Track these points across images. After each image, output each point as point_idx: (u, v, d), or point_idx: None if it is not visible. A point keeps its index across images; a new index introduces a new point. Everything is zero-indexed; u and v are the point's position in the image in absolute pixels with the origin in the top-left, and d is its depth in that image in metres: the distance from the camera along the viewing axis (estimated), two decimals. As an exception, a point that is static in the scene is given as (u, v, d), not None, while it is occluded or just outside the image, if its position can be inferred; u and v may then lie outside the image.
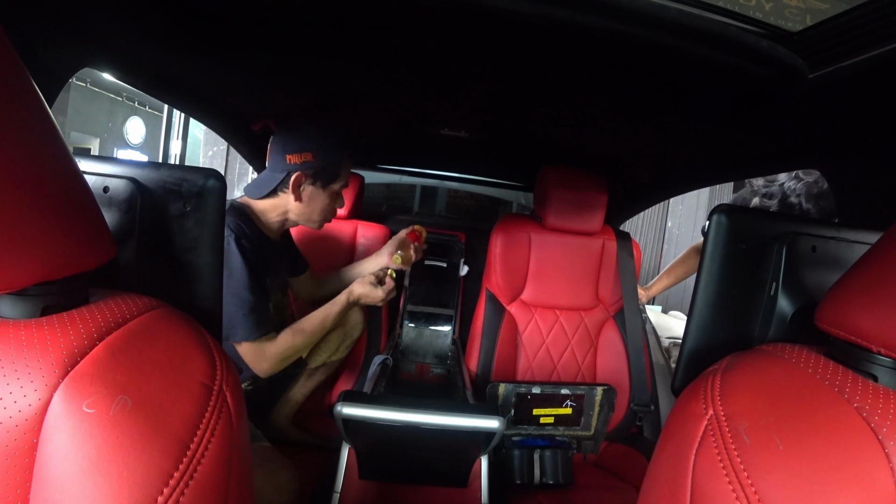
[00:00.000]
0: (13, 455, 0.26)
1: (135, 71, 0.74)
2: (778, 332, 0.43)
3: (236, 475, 0.33)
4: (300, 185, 0.93)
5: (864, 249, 0.35)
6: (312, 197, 0.96)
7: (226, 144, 3.21)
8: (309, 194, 0.95)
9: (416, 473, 0.91)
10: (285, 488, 0.83)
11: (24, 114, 0.27)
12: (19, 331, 0.29)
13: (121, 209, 0.41)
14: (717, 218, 0.45)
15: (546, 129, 1.08)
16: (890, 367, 0.31)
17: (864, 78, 0.51)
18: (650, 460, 0.39)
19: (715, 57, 0.54)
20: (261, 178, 0.96)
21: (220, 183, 0.43)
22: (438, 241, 1.51)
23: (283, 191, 0.94)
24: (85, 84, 5.84)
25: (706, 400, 0.35)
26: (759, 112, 0.69)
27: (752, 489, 0.27)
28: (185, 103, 0.98)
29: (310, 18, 0.61)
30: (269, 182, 0.93)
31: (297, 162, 0.91)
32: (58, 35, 0.55)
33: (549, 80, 0.74)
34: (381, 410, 0.71)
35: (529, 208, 2.03)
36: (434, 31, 0.60)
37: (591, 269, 1.27)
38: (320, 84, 0.91)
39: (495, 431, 0.73)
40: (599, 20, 0.49)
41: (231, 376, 0.36)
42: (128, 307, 0.34)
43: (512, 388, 0.97)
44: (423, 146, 1.47)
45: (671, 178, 1.21)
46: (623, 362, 1.22)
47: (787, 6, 0.49)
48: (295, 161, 0.91)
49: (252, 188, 0.96)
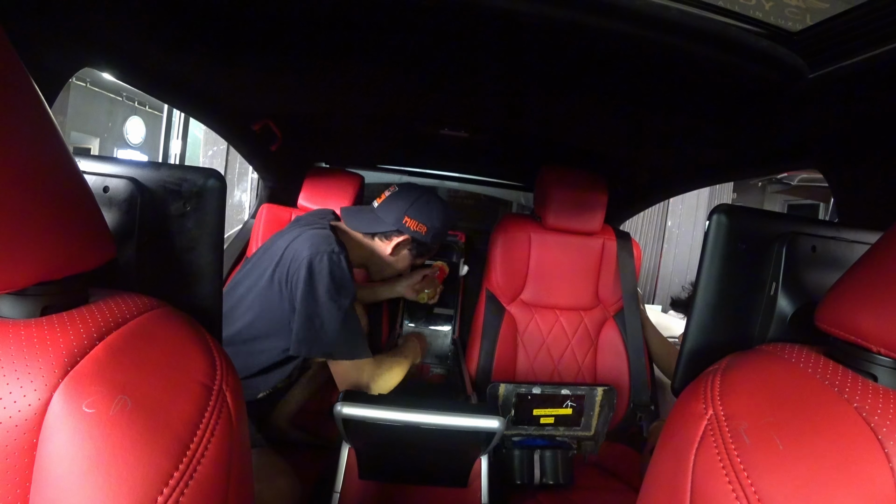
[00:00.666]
0: (13, 455, 0.26)
1: (135, 71, 0.74)
2: (778, 332, 0.43)
3: (236, 475, 0.33)
4: (402, 245, 0.99)
5: (864, 249, 0.35)
6: (402, 258, 1.03)
7: (226, 144, 3.20)
8: (402, 256, 1.02)
9: (416, 473, 0.91)
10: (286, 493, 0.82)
11: (24, 114, 0.27)
12: (19, 330, 0.29)
13: (121, 209, 0.41)
14: (717, 218, 0.45)
15: (546, 129, 1.08)
16: (890, 367, 0.31)
17: (864, 78, 0.51)
18: (650, 460, 0.39)
19: (715, 57, 0.54)
20: (367, 216, 1.00)
21: (220, 183, 0.43)
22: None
23: (382, 239, 0.99)
24: (85, 84, 5.84)
25: (706, 400, 0.35)
26: (759, 112, 0.69)
27: (752, 489, 0.27)
28: (185, 103, 0.98)
29: (310, 18, 0.61)
30: (376, 225, 0.98)
31: (412, 228, 0.97)
32: (58, 35, 0.55)
33: (550, 80, 0.74)
34: (381, 410, 0.71)
35: (529, 208, 2.02)
36: (434, 30, 0.60)
37: (591, 269, 1.26)
38: (320, 84, 0.90)
39: (495, 431, 0.73)
40: (600, 20, 0.49)
41: (231, 376, 0.36)
42: (127, 307, 0.34)
43: (512, 388, 0.97)
44: (423, 146, 1.47)
45: (671, 178, 1.21)
46: (623, 362, 1.22)
47: (787, 6, 0.49)
48: (410, 226, 0.97)
49: (353, 219, 1.01)
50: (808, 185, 4.56)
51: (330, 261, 0.83)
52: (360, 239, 1.00)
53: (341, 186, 1.37)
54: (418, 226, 0.97)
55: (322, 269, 0.82)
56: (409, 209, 0.97)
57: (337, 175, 1.41)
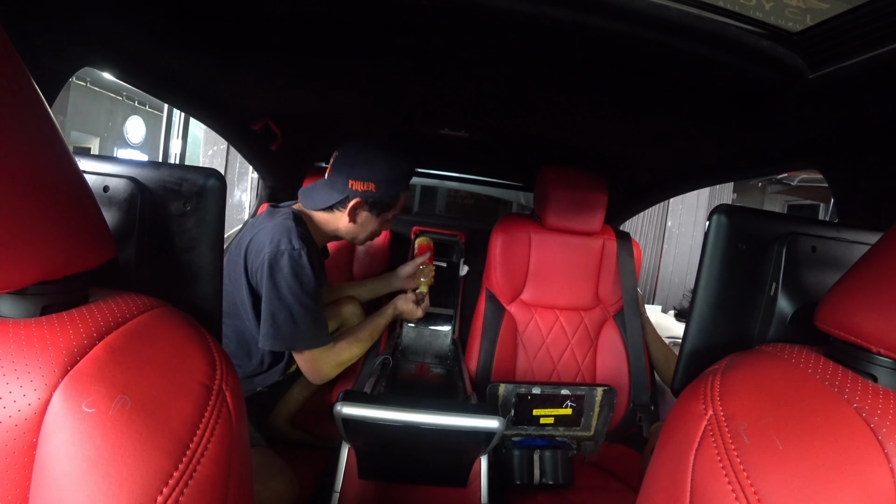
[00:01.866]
0: (13, 454, 0.26)
1: (135, 71, 0.74)
2: (778, 333, 0.43)
3: (236, 475, 0.33)
4: (357, 209, 0.96)
5: (864, 250, 0.35)
6: (365, 221, 0.99)
7: (226, 144, 3.20)
8: (363, 219, 0.99)
9: (416, 473, 0.91)
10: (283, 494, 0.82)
11: (24, 114, 0.27)
12: (19, 330, 0.29)
13: (121, 209, 0.41)
14: (717, 218, 0.45)
15: (546, 129, 1.08)
16: (890, 368, 0.31)
17: (864, 78, 0.51)
18: (649, 460, 0.39)
19: (715, 57, 0.54)
20: (318, 191, 0.98)
21: (220, 182, 0.43)
22: (438, 241, 1.51)
23: (339, 209, 0.97)
24: (85, 83, 5.84)
25: (706, 400, 0.35)
26: (759, 112, 0.69)
27: (752, 489, 0.27)
28: (185, 103, 0.98)
29: (310, 18, 0.61)
30: (327, 198, 0.96)
31: (360, 189, 0.94)
32: (58, 35, 0.55)
33: (549, 80, 0.74)
34: (381, 410, 0.71)
35: (529, 208, 2.03)
36: (434, 30, 0.60)
37: (591, 269, 1.26)
38: (320, 84, 0.90)
39: (495, 431, 0.73)
40: (599, 20, 0.49)
41: (231, 376, 0.36)
42: (127, 306, 0.34)
43: (512, 388, 0.97)
44: (423, 146, 1.47)
45: (671, 178, 1.21)
46: (623, 362, 1.22)
47: (787, 6, 0.49)
48: (357, 188, 0.94)
49: (308, 199, 0.99)
50: (808, 186, 4.56)
51: (290, 258, 0.84)
52: (321, 217, 0.99)
53: None
54: (366, 185, 0.93)
55: (283, 268, 0.84)
56: (350, 172, 0.93)
57: None
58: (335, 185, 0.95)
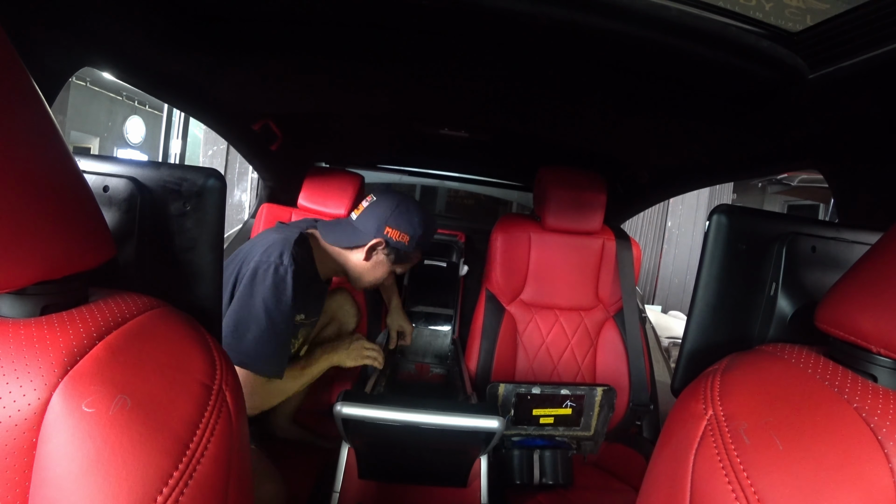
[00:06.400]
0: (12, 454, 0.26)
1: (135, 71, 0.74)
2: (778, 333, 0.43)
3: (235, 475, 0.33)
4: (375, 248, 0.94)
5: (864, 250, 0.35)
6: (378, 264, 0.97)
7: (226, 144, 3.20)
8: (378, 260, 0.97)
9: (416, 473, 0.91)
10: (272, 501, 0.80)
11: (24, 114, 0.27)
12: (19, 330, 0.29)
13: (121, 208, 0.41)
14: (717, 218, 0.45)
15: (546, 129, 1.08)
16: (890, 368, 0.31)
17: (864, 78, 0.51)
18: (649, 461, 0.39)
19: (715, 57, 0.54)
20: (344, 229, 0.96)
21: (220, 182, 0.43)
22: (438, 241, 1.51)
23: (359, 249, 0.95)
24: (85, 83, 5.84)
25: (706, 400, 0.35)
26: (759, 112, 0.69)
27: (752, 489, 0.27)
28: (185, 103, 0.98)
29: (309, 18, 0.61)
30: (354, 238, 0.94)
31: (394, 238, 0.93)
32: (58, 35, 0.55)
33: (549, 80, 0.74)
34: (381, 410, 0.71)
35: (529, 208, 2.03)
36: (434, 30, 0.60)
37: (591, 269, 1.26)
38: (320, 84, 0.90)
39: (495, 431, 0.73)
40: (599, 20, 0.49)
41: (231, 376, 0.36)
42: (127, 306, 0.34)
43: (512, 388, 0.97)
44: (423, 146, 1.47)
45: (671, 178, 1.21)
46: (623, 362, 1.22)
47: (787, 6, 0.49)
48: (392, 236, 0.93)
49: (330, 233, 0.96)
50: (808, 186, 4.57)
51: (275, 273, 0.81)
52: (334, 248, 0.97)
53: (341, 186, 1.37)
54: (401, 235, 0.94)
55: (265, 280, 0.80)
56: (389, 218, 0.93)
57: (337, 175, 1.41)
58: (367, 227, 0.94)
